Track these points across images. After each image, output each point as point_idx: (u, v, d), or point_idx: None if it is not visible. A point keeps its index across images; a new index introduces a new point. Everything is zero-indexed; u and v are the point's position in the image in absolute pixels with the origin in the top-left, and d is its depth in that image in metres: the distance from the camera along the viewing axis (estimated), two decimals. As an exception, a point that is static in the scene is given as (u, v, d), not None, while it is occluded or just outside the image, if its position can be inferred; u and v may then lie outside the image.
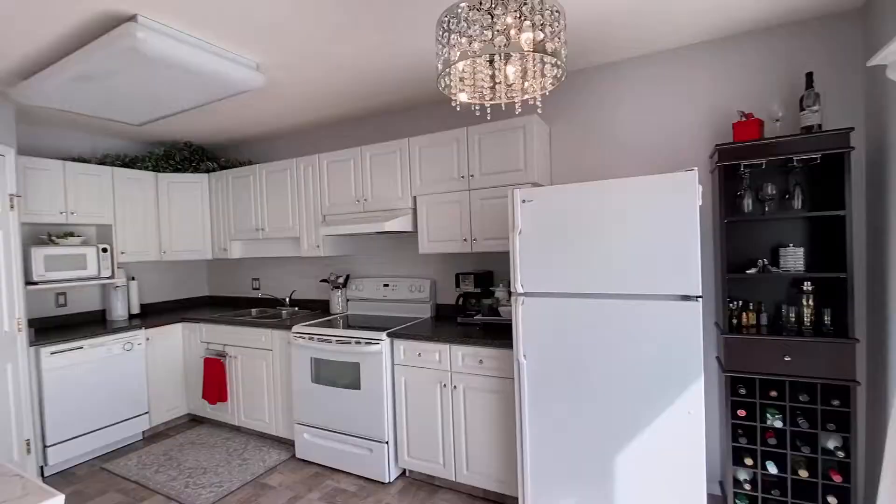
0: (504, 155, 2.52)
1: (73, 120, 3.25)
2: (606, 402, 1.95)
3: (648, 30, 2.21)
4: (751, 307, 2.16)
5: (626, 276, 1.90)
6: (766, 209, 2.14)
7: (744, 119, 2.09)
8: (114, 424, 3.18)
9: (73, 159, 3.41)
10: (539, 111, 1.51)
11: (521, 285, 2.08)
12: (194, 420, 3.72)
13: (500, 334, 2.42)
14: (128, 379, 3.25)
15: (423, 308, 3.12)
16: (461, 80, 1.43)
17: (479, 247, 2.62)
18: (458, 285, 2.80)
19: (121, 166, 3.60)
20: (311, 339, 2.83)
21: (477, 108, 1.49)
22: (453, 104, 1.45)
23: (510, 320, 2.45)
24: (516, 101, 1.50)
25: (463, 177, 2.64)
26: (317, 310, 3.68)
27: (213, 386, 3.36)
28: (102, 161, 3.55)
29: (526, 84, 1.45)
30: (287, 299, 3.76)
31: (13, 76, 2.44)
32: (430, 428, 2.51)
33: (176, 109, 2.83)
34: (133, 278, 3.79)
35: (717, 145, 2.05)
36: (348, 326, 2.86)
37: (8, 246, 2.62)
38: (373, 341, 2.61)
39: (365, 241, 3.46)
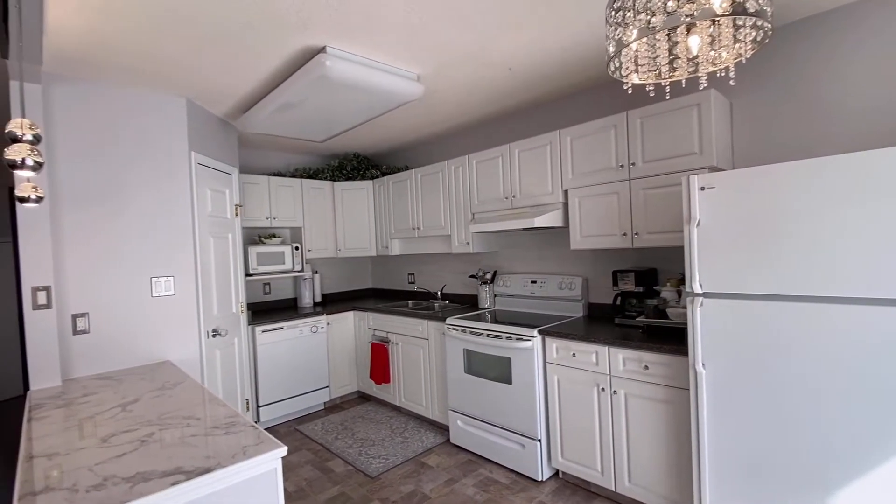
0: (673, 138, 2.27)
1: (273, 142, 3.96)
2: (822, 428, 1.61)
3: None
4: None
5: (866, 276, 1.53)
6: None
7: None
8: (303, 394, 3.80)
9: (274, 174, 4.18)
10: (732, 82, 1.30)
11: (700, 284, 1.84)
12: (362, 397, 4.22)
13: (667, 338, 2.19)
14: (313, 357, 3.85)
15: (573, 307, 3.01)
16: (633, 60, 1.32)
17: (641, 241, 2.41)
18: (615, 283, 2.62)
19: (307, 177, 4.27)
20: (464, 331, 2.96)
21: (651, 88, 1.36)
22: (625, 87, 1.35)
23: (682, 324, 2.20)
24: (701, 74, 1.32)
25: (622, 166, 2.46)
26: (466, 304, 3.84)
27: (379, 368, 3.76)
28: (294, 174, 4.27)
29: (712, 53, 1.27)
30: (439, 293, 4.01)
31: (238, 111, 3.08)
32: (586, 432, 2.40)
33: (350, 125, 3.23)
34: (316, 272, 4.47)
35: None
36: (496, 321, 2.91)
37: (234, 245, 3.32)
38: (524, 337, 2.61)
39: (512, 237, 3.48)
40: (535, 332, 2.56)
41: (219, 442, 1.39)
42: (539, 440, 2.58)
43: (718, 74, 1.33)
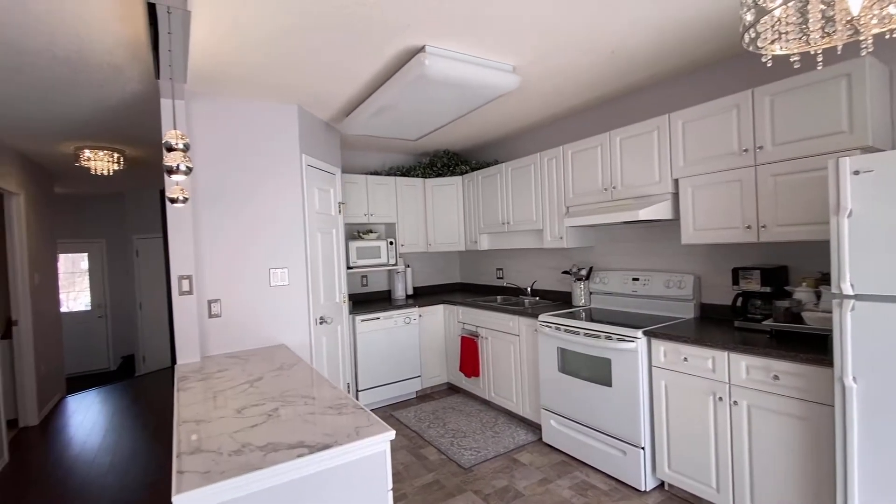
0: (812, 116, 1.96)
1: (370, 142, 4.17)
2: None
3: None
4: None
5: None
6: None
7: None
8: (397, 382, 3.97)
9: (371, 173, 4.40)
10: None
11: (851, 285, 1.57)
12: (451, 389, 4.30)
13: (802, 346, 1.91)
14: (406, 347, 4.01)
15: (683, 307, 2.76)
16: (774, 27, 1.16)
17: (769, 235, 2.13)
18: (735, 282, 2.35)
19: (400, 175, 4.44)
20: (558, 329, 2.87)
21: (797, 59, 1.18)
22: (763, 60, 1.19)
23: (822, 330, 1.92)
24: (863, 38, 1.12)
25: (746, 150, 2.19)
26: (557, 301, 3.72)
27: (469, 361, 3.80)
28: (389, 172, 4.46)
29: (884, 11, 1.07)
30: (529, 289, 3.93)
31: (341, 114, 3.28)
32: (698, 443, 2.20)
33: (442, 123, 3.29)
34: (409, 266, 4.64)
35: None
36: (592, 320, 2.77)
37: (338, 241, 3.56)
38: (626, 338, 2.45)
39: (610, 231, 3.29)
40: (638, 333, 2.40)
41: (333, 421, 1.50)
42: (642, 448, 2.41)
43: (887, 36, 1.12)
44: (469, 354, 3.81)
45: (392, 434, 1.41)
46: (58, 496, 2.80)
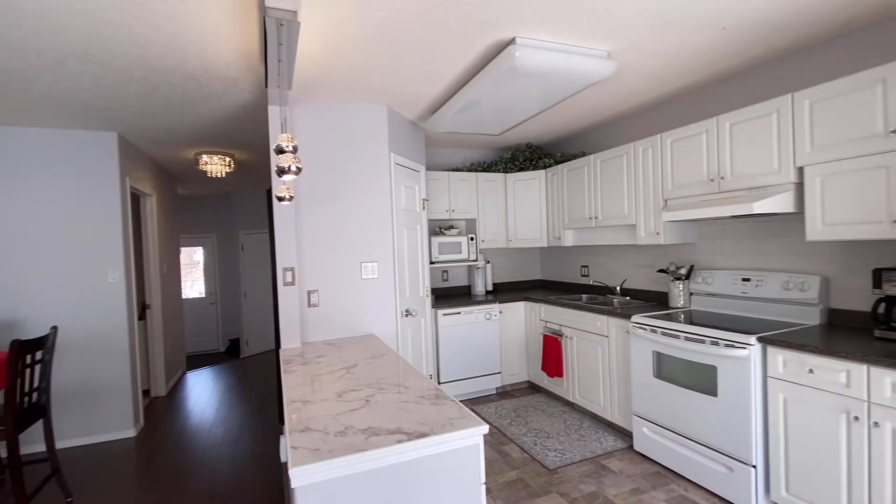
0: None
1: (452, 139, 4.21)
2: None
3: None
4: None
5: None
6: None
7: None
8: (477, 377, 3.99)
9: (453, 170, 4.45)
10: None
11: None
12: (532, 387, 4.22)
13: (974, 363, 1.59)
14: (486, 343, 4.00)
15: (806, 312, 2.44)
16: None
17: (926, 231, 1.80)
18: (877, 285, 2.02)
19: (481, 171, 4.43)
20: (654, 331, 2.68)
21: None
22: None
23: None
24: None
25: (894, 132, 1.87)
26: (651, 301, 3.48)
27: (552, 361, 3.70)
28: (470, 168, 4.48)
29: None
30: (618, 288, 3.73)
31: (427, 113, 3.35)
32: (826, 466, 1.93)
33: (528, 115, 3.21)
34: (488, 261, 4.63)
35: None
36: (693, 322, 2.55)
37: (422, 236, 3.65)
38: (736, 344, 2.22)
39: (716, 226, 3.00)
40: (752, 340, 2.16)
41: (427, 411, 1.53)
42: (754, 466, 2.18)
43: None
44: (552, 354, 3.71)
45: (485, 428, 1.41)
46: (184, 460, 3.20)
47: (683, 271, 3.08)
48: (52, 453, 2.64)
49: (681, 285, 3.09)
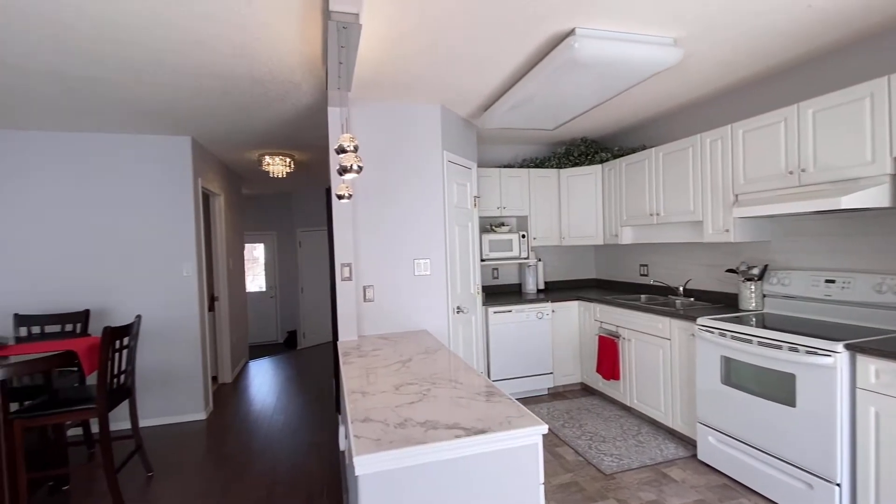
0: None
1: (504, 135, 4.16)
2: None
3: None
4: None
5: None
6: None
7: None
8: (528, 376, 3.93)
9: (504, 166, 4.41)
10: None
11: None
12: (586, 389, 4.10)
13: None
14: (538, 342, 3.93)
15: (901, 317, 2.19)
16: None
17: None
18: None
19: (533, 167, 4.36)
20: (723, 335, 2.52)
21: None
22: None
23: None
24: None
25: None
26: (718, 303, 3.27)
27: (607, 363, 3.58)
28: (522, 165, 4.42)
29: None
30: (681, 288, 3.53)
31: (479, 110, 3.34)
32: (930, 492, 1.72)
33: (585, 108, 3.12)
34: (540, 259, 4.54)
35: None
36: (767, 327, 2.36)
37: (473, 234, 3.65)
38: (820, 351, 2.04)
39: (792, 223, 2.77)
40: (838, 347, 1.97)
41: (483, 408, 1.53)
42: (838, 484, 1.99)
43: None
44: (607, 356, 3.58)
45: (545, 428, 1.38)
46: (249, 444, 3.40)
47: (756, 271, 2.86)
48: (135, 431, 2.89)
49: (752, 286, 2.87)
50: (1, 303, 3.46)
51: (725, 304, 3.20)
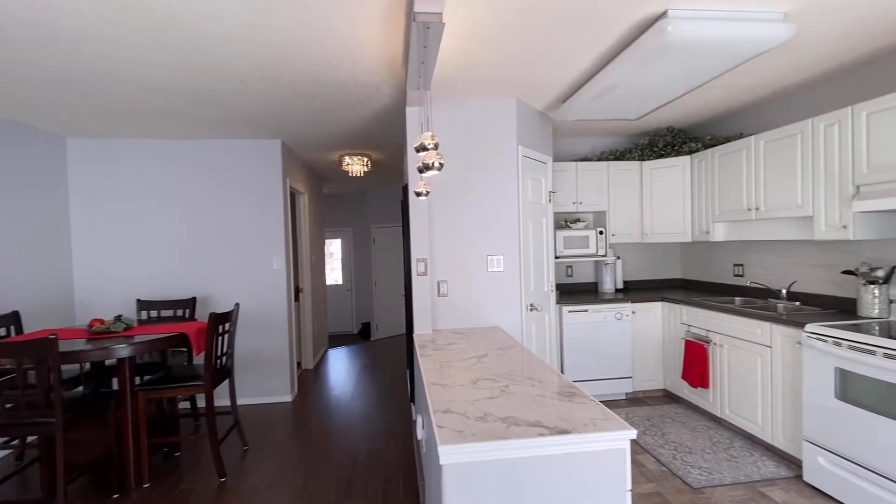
0: None
1: (580, 127, 4.01)
2: None
3: None
4: None
5: None
6: None
7: None
8: (604, 379, 3.76)
9: (580, 159, 4.25)
10: None
11: None
12: (668, 397, 3.85)
13: None
14: (616, 344, 3.75)
15: None
16: None
17: None
18: None
19: (613, 160, 4.15)
20: (838, 344, 2.23)
21: None
22: None
23: None
24: None
25: None
26: (830, 308, 2.90)
27: (695, 369, 3.33)
28: (600, 157, 4.23)
29: None
30: (783, 291, 3.18)
31: (557, 102, 3.24)
32: None
33: (673, 96, 2.90)
34: (618, 257, 4.33)
35: None
36: (890, 336, 2.05)
37: (548, 230, 3.56)
38: (969, 368, 1.73)
39: (930, 218, 2.38)
40: None
41: (565, 407, 1.49)
42: None
43: None
44: (695, 361, 3.33)
45: (633, 433, 1.31)
46: (330, 427, 3.62)
47: (880, 273, 2.50)
48: (234, 408, 3.19)
49: (876, 290, 2.51)
50: (126, 290, 3.99)
51: (840, 309, 2.83)
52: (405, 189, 3.35)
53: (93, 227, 3.94)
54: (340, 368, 5.48)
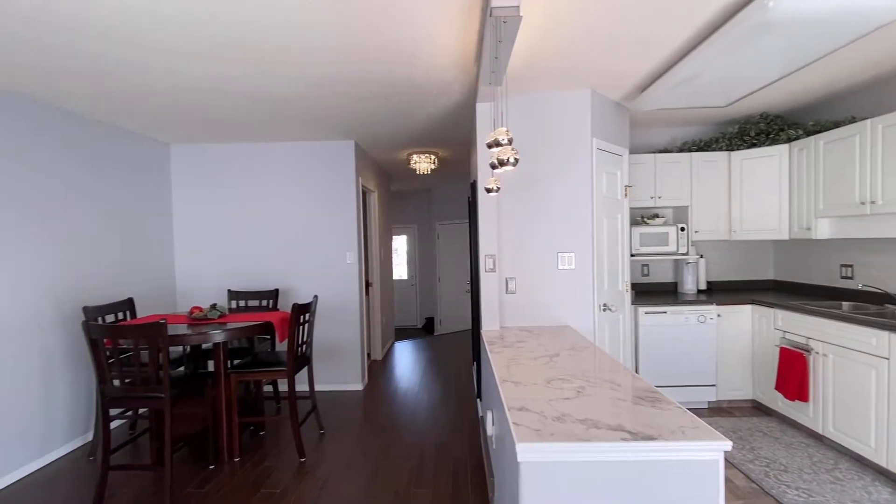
0: None
1: (659, 117, 3.77)
2: None
3: None
4: None
5: None
6: None
7: None
8: (683, 386, 3.52)
9: (659, 151, 4.00)
10: None
11: None
12: (758, 409, 3.52)
13: None
14: (699, 350, 3.50)
15: None
16: None
17: None
18: None
19: (696, 151, 3.86)
20: (982, 359, 1.91)
21: None
22: None
23: None
24: None
25: None
26: (968, 318, 2.49)
27: (792, 380, 3.01)
28: (681, 149, 3.95)
29: None
30: (905, 296, 2.79)
31: (635, 91, 3.07)
32: None
33: (770, 79, 2.64)
34: (701, 256, 4.03)
35: None
36: None
37: (623, 226, 3.39)
38: None
39: None
40: None
41: (649, 413, 1.41)
42: None
43: None
44: (792, 371, 3.01)
45: (728, 444, 1.22)
46: (399, 416, 3.73)
47: None
48: (312, 393, 3.40)
49: None
50: (219, 280, 4.38)
51: (982, 319, 2.42)
52: (473, 185, 3.36)
53: (191, 225, 4.37)
54: (406, 361, 5.64)
